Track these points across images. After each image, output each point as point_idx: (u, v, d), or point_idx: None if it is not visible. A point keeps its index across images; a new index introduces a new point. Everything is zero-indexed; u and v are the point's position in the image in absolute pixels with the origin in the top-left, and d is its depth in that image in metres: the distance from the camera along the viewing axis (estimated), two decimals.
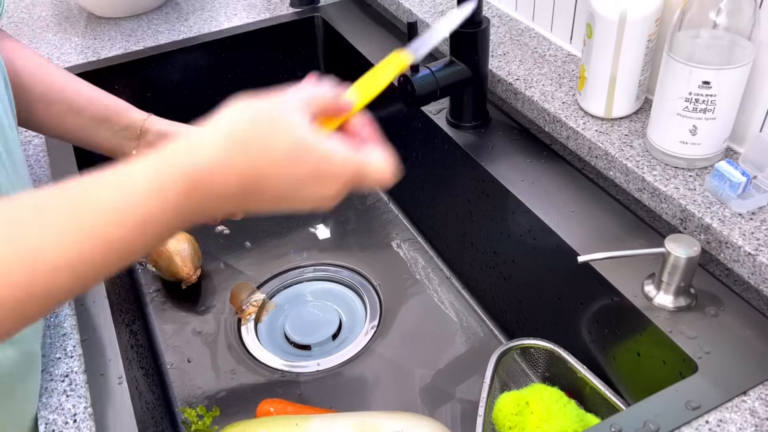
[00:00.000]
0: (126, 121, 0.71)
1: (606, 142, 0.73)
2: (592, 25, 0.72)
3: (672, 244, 0.58)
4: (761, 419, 0.52)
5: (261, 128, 0.40)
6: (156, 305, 0.96)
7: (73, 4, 1.26)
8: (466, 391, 0.82)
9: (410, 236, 1.04)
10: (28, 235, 0.36)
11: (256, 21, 1.15)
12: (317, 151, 0.41)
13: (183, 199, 0.38)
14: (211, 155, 0.39)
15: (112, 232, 0.37)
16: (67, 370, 0.61)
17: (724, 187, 0.64)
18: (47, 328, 0.65)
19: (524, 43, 0.92)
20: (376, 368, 0.86)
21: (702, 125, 0.66)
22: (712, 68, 0.62)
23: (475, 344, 0.88)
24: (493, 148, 0.82)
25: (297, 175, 0.40)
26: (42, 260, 0.36)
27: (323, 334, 0.90)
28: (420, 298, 0.95)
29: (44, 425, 0.56)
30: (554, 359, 0.71)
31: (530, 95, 0.82)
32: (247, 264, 1.02)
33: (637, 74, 0.73)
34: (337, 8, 1.18)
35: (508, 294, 0.84)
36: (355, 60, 1.07)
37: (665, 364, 0.60)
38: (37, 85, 0.68)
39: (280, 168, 0.40)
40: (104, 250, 0.37)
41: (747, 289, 0.61)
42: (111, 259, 0.38)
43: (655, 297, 0.61)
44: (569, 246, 0.68)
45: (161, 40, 1.11)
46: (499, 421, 0.67)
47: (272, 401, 0.80)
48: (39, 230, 0.36)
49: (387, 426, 0.70)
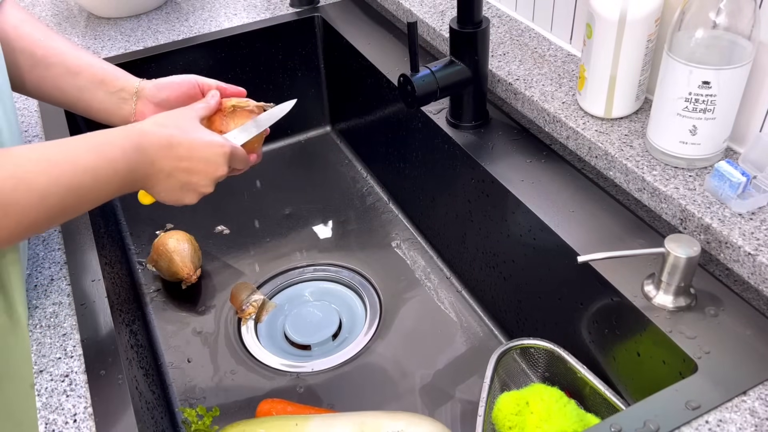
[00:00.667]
0: (122, 83, 0.75)
1: (606, 142, 0.73)
2: (591, 25, 0.72)
3: (672, 244, 0.58)
4: (761, 419, 0.52)
5: (172, 115, 0.67)
6: (156, 305, 0.96)
7: (73, 4, 1.26)
8: (466, 391, 0.82)
9: (410, 236, 1.04)
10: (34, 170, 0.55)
11: (256, 21, 1.15)
12: (198, 129, 0.66)
13: (130, 147, 0.60)
14: (147, 123, 0.64)
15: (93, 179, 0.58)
16: (67, 370, 0.61)
17: (724, 187, 0.64)
18: (47, 328, 0.65)
19: (524, 43, 0.92)
20: (376, 368, 0.86)
21: (702, 125, 0.66)
22: (712, 68, 0.62)
23: (475, 344, 0.88)
24: (493, 148, 0.82)
25: (191, 140, 0.64)
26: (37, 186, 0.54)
27: (323, 334, 0.90)
28: (420, 298, 0.95)
29: (44, 425, 0.56)
30: (554, 359, 0.71)
31: (530, 95, 0.82)
32: (247, 264, 1.02)
33: (636, 74, 0.73)
34: (337, 8, 1.18)
35: (508, 294, 0.84)
36: (355, 60, 1.07)
37: (665, 364, 0.60)
38: (39, 48, 0.72)
39: (181, 136, 0.64)
40: (80, 181, 0.57)
41: (747, 289, 0.61)
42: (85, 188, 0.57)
43: (655, 297, 0.61)
44: (569, 246, 0.68)
45: (161, 40, 1.11)
46: (499, 421, 0.67)
47: (272, 401, 0.80)
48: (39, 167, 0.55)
49: (387, 426, 0.70)
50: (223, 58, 1.12)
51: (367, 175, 1.17)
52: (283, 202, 1.13)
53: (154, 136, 0.62)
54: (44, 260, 0.72)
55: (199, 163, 0.64)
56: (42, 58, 0.72)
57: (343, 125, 1.24)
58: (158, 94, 0.75)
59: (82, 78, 0.73)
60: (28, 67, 0.72)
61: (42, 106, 0.97)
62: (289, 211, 1.11)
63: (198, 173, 0.65)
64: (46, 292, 0.69)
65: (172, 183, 0.64)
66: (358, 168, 1.19)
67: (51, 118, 0.94)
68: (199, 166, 0.64)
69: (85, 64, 0.74)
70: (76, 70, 0.73)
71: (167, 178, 0.63)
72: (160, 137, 0.62)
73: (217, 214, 1.10)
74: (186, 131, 0.64)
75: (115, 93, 0.74)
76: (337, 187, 1.15)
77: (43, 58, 0.72)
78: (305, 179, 1.17)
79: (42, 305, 0.67)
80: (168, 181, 0.64)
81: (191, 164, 0.64)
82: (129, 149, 0.60)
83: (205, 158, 0.64)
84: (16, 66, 0.72)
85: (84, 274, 0.70)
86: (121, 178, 0.60)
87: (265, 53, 1.15)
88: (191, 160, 0.64)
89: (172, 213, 1.10)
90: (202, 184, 0.65)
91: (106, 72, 0.75)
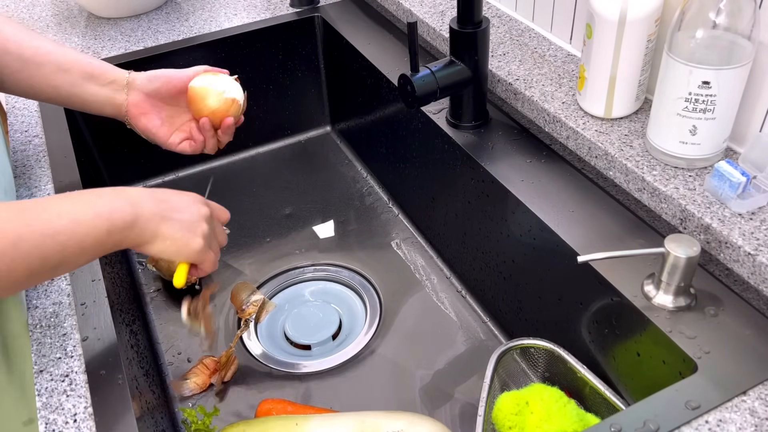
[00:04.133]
0: (112, 75, 0.77)
1: (606, 142, 0.73)
2: (591, 25, 0.72)
3: (672, 244, 0.58)
4: (761, 419, 0.52)
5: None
6: (156, 305, 0.96)
7: (73, 4, 1.26)
8: (466, 391, 0.82)
9: (410, 236, 1.04)
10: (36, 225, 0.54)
11: (256, 21, 1.15)
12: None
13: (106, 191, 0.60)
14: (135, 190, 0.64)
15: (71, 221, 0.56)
16: (67, 370, 0.61)
17: (723, 187, 0.64)
18: (47, 328, 0.65)
19: (524, 43, 0.92)
20: (376, 368, 0.86)
21: (702, 125, 0.66)
22: (711, 68, 0.62)
23: (475, 344, 0.88)
24: (493, 148, 0.82)
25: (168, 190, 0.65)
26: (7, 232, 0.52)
27: (323, 334, 0.90)
28: (420, 298, 0.95)
29: (44, 425, 0.56)
30: (554, 359, 0.71)
31: (530, 95, 0.82)
32: (247, 264, 1.02)
33: (636, 74, 0.73)
34: (337, 8, 1.18)
35: (508, 294, 0.84)
36: (355, 60, 1.07)
37: (665, 364, 0.60)
38: (26, 49, 0.73)
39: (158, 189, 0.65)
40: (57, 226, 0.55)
41: (747, 289, 0.61)
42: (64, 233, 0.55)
43: (655, 297, 0.61)
44: (569, 246, 0.68)
45: (161, 40, 1.11)
46: (499, 421, 0.67)
47: (272, 401, 0.80)
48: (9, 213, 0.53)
49: (387, 426, 0.70)
50: (223, 58, 1.12)
51: (367, 175, 1.17)
52: (283, 202, 1.13)
53: (130, 189, 0.63)
54: None
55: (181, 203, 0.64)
56: (31, 58, 0.73)
57: (343, 125, 1.24)
58: (149, 85, 0.77)
59: (73, 73, 0.75)
60: (18, 68, 0.73)
61: (42, 106, 0.97)
62: (289, 211, 1.11)
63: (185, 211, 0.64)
64: (46, 292, 0.69)
65: (170, 227, 0.63)
66: (358, 168, 1.19)
67: (51, 118, 0.94)
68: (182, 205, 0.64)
69: (73, 60, 0.75)
70: (66, 66, 0.74)
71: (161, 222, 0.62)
72: (135, 189, 0.63)
73: None
74: (156, 189, 0.66)
75: (106, 85, 0.76)
76: (337, 187, 1.15)
77: (32, 58, 0.73)
78: (305, 179, 1.17)
79: (42, 305, 0.67)
80: (166, 227, 0.62)
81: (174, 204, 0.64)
82: (106, 193, 0.60)
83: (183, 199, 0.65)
84: (5, 68, 0.73)
85: (84, 274, 0.70)
86: (105, 221, 0.57)
87: (265, 53, 1.15)
88: (172, 201, 0.64)
89: None
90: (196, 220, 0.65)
91: (94, 66, 0.76)
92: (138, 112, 0.78)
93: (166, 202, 0.63)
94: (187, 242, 0.64)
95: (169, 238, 0.62)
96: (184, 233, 0.64)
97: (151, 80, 0.77)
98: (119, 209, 0.59)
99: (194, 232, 0.64)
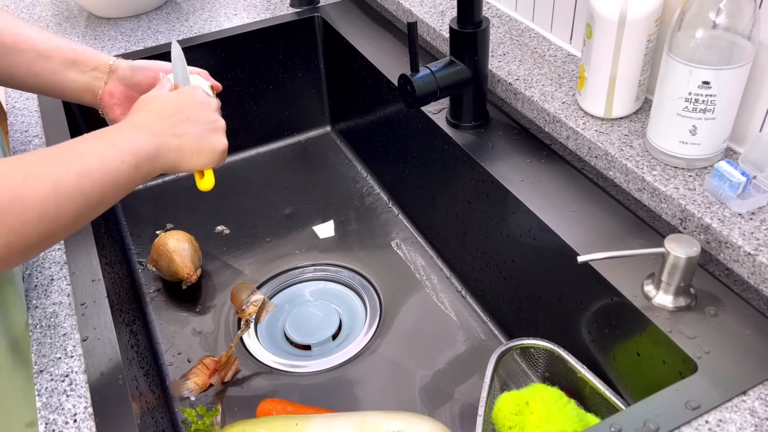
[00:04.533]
0: (95, 62, 0.75)
1: (606, 142, 0.73)
2: (591, 25, 0.72)
3: (672, 244, 0.58)
4: (761, 419, 0.52)
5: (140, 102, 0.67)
6: (156, 305, 0.96)
7: (73, 4, 1.26)
8: (466, 391, 0.82)
9: (410, 236, 1.04)
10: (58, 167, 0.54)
11: (256, 21, 1.15)
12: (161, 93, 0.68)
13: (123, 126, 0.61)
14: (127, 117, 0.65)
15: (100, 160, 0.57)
16: (67, 370, 0.61)
17: (723, 187, 0.64)
18: (47, 328, 0.65)
19: (524, 43, 0.92)
20: (376, 368, 0.86)
21: (702, 125, 0.66)
22: (711, 68, 0.62)
23: (475, 344, 0.88)
24: (493, 148, 0.82)
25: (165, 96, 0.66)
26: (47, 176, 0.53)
27: (323, 334, 0.90)
28: (420, 298, 0.95)
29: (44, 425, 0.56)
30: (554, 359, 0.71)
31: (530, 95, 0.82)
32: (247, 264, 1.02)
33: (636, 74, 0.73)
34: (337, 8, 1.18)
35: (508, 294, 0.84)
36: (355, 60, 1.07)
37: (665, 364, 0.60)
38: (7, 36, 0.72)
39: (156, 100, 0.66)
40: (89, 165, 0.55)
41: (747, 289, 0.61)
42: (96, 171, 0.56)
43: (655, 297, 0.61)
44: (569, 246, 0.68)
45: (161, 40, 1.11)
46: (499, 421, 0.67)
47: (272, 401, 0.80)
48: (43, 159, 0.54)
49: (387, 426, 0.70)
50: (223, 58, 1.12)
51: (367, 175, 1.17)
52: (283, 202, 1.13)
53: (140, 116, 0.63)
54: (44, 260, 0.72)
55: (191, 107, 0.65)
56: (12, 45, 0.72)
57: (343, 125, 1.24)
58: (132, 76, 0.76)
59: (53, 60, 0.73)
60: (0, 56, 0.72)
61: (42, 106, 0.97)
62: (289, 211, 1.11)
63: (198, 114, 0.65)
64: (46, 292, 0.69)
65: (190, 140, 0.64)
66: (358, 168, 1.19)
67: (51, 118, 0.94)
68: (193, 109, 0.65)
69: (54, 46, 0.74)
70: (47, 53, 0.73)
71: (181, 139, 0.63)
72: (144, 114, 0.63)
73: (217, 214, 1.10)
74: (157, 98, 0.66)
75: (87, 72, 0.75)
76: (337, 187, 1.15)
77: (13, 45, 0.72)
78: (305, 179, 1.17)
79: (42, 305, 0.67)
80: (186, 141, 0.64)
81: (185, 113, 0.64)
82: (123, 129, 0.61)
83: (190, 101, 0.66)
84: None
85: (84, 274, 0.70)
86: (131, 154, 0.58)
87: (265, 53, 1.15)
88: (182, 110, 0.64)
89: (173, 213, 1.10)
90: (212, 119, 0.66)
91: (77, 52, 0.74)
92: (112, 102, 0.76)
93: (177, 117, 0.64)
94: (213, 147, 0.66)
95: (195, 152, 0.64)
96: (207, 140, 0.65)
97: (134, 72, 0.76)
98: (140, 141, 0.60)
99: (215, 134, 0.66)
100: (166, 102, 0.65)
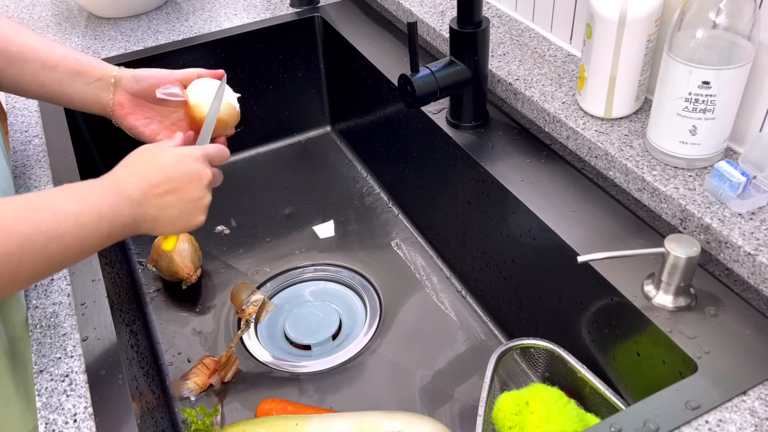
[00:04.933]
0: (99, 72, 0.75)
1: (606, 142, 0.73)
2: (591, 25, 0.72)
3: (672, 244, 0.58)
4: (761, 419, 0.52)
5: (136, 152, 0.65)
6: (156, 305, 0.96)
7: (73, 4, 1.26)
8: (466, 391, 0.82)
9: (410, 236, 1.04)
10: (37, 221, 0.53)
11: (256, 21, 1.15)
12: (163, 152, 0.65)
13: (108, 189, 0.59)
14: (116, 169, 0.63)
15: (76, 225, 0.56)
16: (67, 370, 0.61)
17: (723, 187, 0.64)
18: (47, 328, 0.65)
19: (524, 43, 0.92)
20: (376, 368, 0.86)
21: (702, 125, 0.66)
22: (711, 68, 0.62)
23: (475, 344, 0.88)
24: (493, 148, 0.82)
25: (162, 164, 0.63)
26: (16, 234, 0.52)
27: (323, 334, 0.90)
28: (420, 298, 0.95)
29: (44, 425, 0.56)
30: (554, 359, 0.71)
31: (530, 95, 0.82)
32: (247, 264, 1.02)
33: (636, 74, 0.73)
34: (337, 8, 1.18)
35: (508, 294, 0.84)
36: (355, 60, 1.07)
37: (665, 364, 0.60)
38: (12, 45, 0.72)
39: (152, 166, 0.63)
40: (63, 228, 0.54)
41: (747, 289, 0.61)
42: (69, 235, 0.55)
43: (655, 297, 0.61)
44: (569, 246, 0.68)
45: (161, 40, 1.11)
46: (499, 421, 0.67)
47: (272, 401, 0.80)
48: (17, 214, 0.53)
49: (387, 426, 0.70)
50: (223, 58, 1.12)
51: (367, 175, 1.17)
52: (283, 202, 1.13)
53: (129, 178, 0.61)
54: None
55: (180, 180, 0.63)
56: (17, 55, 0.72)
57: (343, 125, 1.24)
58: (135, 85, 0.75)
59: (59, 71, 0.73)
60: (4, 66, 0.72)
61: (42, 106, 0.97)
62: (289, 211, 1.11)
63: (185, 189, 0.63)
64: (46, 292, 0.69)
65: (169, 214, 0.63)
66: (358, 168, 1.19)
67: (51, 118, 0.94)
68: (182, 182, 0.63)
69: (60, 56, 0.74)
70: (52, 63, 0.73)
71: (161, 211, 0.62)
72: (133, 177, 0.61)
73: (217, 214, 1.10)
74: (153, 159, 0.63)
75: (93, 83, 0.75)
76: (337, 187, 1.15)
77: (18, 55, 0.72)
78: (305, 179, 1.17)
79: (42, 305, 0.67)
80: (164, 214, 0.62)
81: (173, 185, 0.62)
82: (108, 192, 0.59)
83: (182, 172, 0.63)
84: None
85: (84, 274, 0.70)
86: (108, 222, 0.58)
87: (265, 53, 1.15)
88: (171, 182, 0.62)
89: None
90: (198, 196, 0.64)
91: (82, 63, 0.75)
92: (124, 112, 0.76)
93: (164, 187, 0.62)
94: (188, 223, 0.64)
95: (168, 224, 0.63)
96: (185, 218, 0.64)
97: (138, 81, 0.75)
98: (120, 212, 0.59)
99: (196, 210, 0.65)
100: (160, 166, 0.63)
